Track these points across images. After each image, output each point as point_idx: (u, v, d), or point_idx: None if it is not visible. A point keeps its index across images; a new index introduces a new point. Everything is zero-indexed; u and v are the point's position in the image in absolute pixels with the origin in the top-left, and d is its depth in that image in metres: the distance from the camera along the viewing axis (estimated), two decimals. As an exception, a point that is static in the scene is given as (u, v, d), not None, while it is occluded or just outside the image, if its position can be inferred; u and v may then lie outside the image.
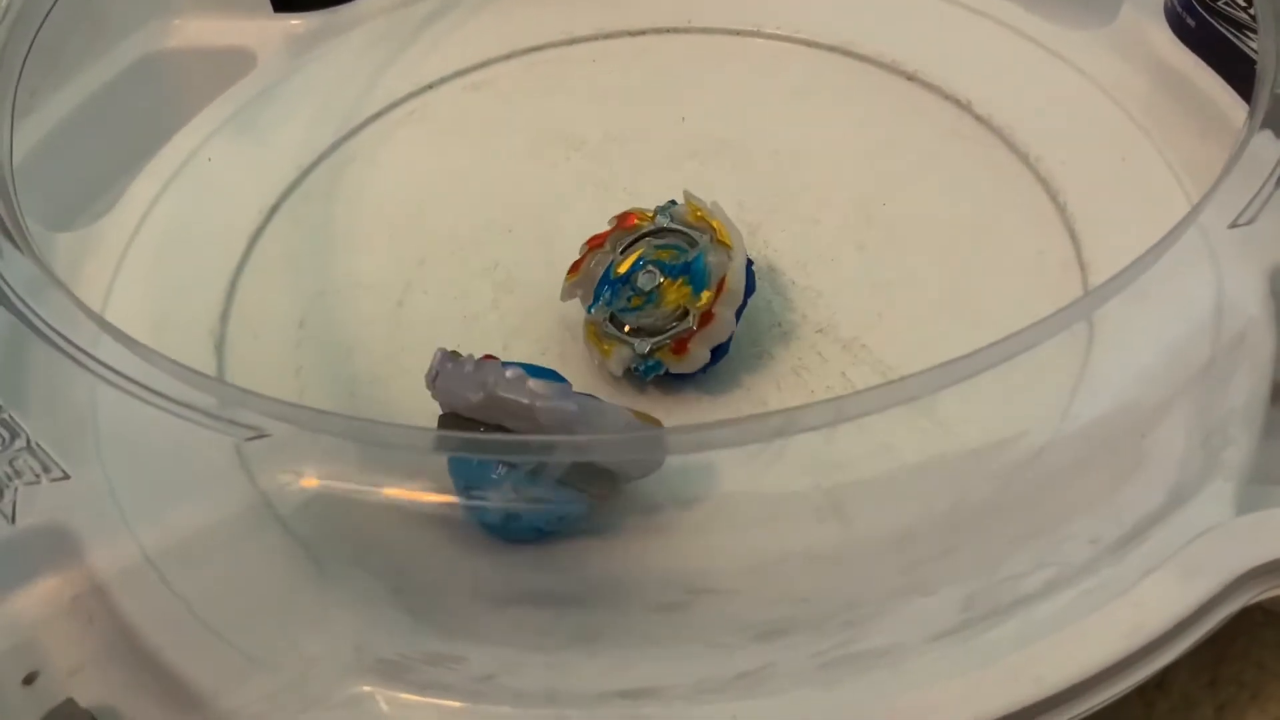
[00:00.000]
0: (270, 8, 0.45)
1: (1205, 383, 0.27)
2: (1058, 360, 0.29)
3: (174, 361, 0.24)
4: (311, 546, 0.26)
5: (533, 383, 0.28)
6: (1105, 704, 0.24)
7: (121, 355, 0.26)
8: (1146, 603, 0.24)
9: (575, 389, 0.28)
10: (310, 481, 0.25)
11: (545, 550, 0.27)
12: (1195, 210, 0.27)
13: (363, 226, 0.40)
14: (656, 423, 0.29)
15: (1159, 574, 0.25)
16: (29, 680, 0.26)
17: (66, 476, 0.25)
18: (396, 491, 0.26)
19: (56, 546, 0.26)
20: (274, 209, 0.40)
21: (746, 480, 0.27)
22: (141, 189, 0.40)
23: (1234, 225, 0.25)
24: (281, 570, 0.26)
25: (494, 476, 0.26)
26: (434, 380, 0.29)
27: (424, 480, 0.26)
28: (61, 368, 0.26)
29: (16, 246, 0.31)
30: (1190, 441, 0.27)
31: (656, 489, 0.27)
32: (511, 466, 0.27)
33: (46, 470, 0.25)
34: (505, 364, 0.28)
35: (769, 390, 0.34)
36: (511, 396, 0.27)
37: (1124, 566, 0.25)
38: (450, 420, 0.29)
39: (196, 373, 0.24)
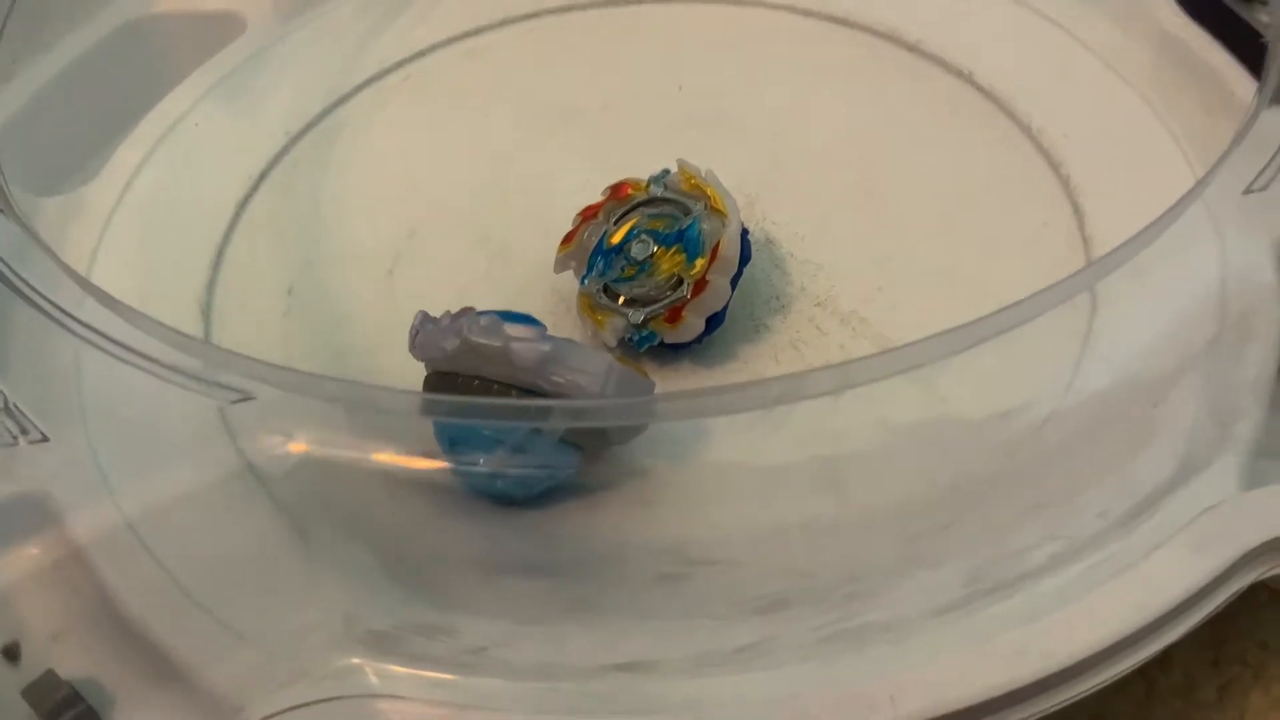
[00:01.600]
0: (260, -29, 0.44)
1: (1214, 355, 0.27)
2: (1062, 332, 0.29)
3: (157, 322, 0.23)
4: (298, 514, 0.26)
5: (507, 326, 0.27)
6: (1110, 680, 0.24)
7: (105, 318, 0.25)
8: (1153, 578, 0.24)
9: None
10: (297, 446, 0.25)
11: (539, 519, 0.26)
12: (1203, 181, 0.26)
13: (353, 195, 0.39)
14: (640, 369, 0.29)
15: (1166, 549, 0.24)
16: (8, 651, 0.26)
17: (45, 439, 0.24)
18: (385, 456, 0.25)
19: (36, 512, 0.25)
20: (262, 176, 0.39)
21: (745, 450, 0.27)
22: (127, 155, 0.39)
23: (1248, 191, 0.25)
24: (267, 539, 0.26)
25: (483, 435, 0.26)
26: (414, 339, 0.29)
27: (413, 445, 0.25)
28: (45, 331, 0.26)
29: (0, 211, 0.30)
30: (1199, 414, 0.26)
31: (653, 457, 0.27)
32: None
33: (25, 432, 0.24)
34: (481, 312, 0.28)
35: (766, 363, 0.34)
36: (485, 341, 0.27)
37: (1131, 541, 0.24)
38: (433, 378, 0.29)
39: (180, 333, 0.23)
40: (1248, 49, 0.37)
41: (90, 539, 0.25)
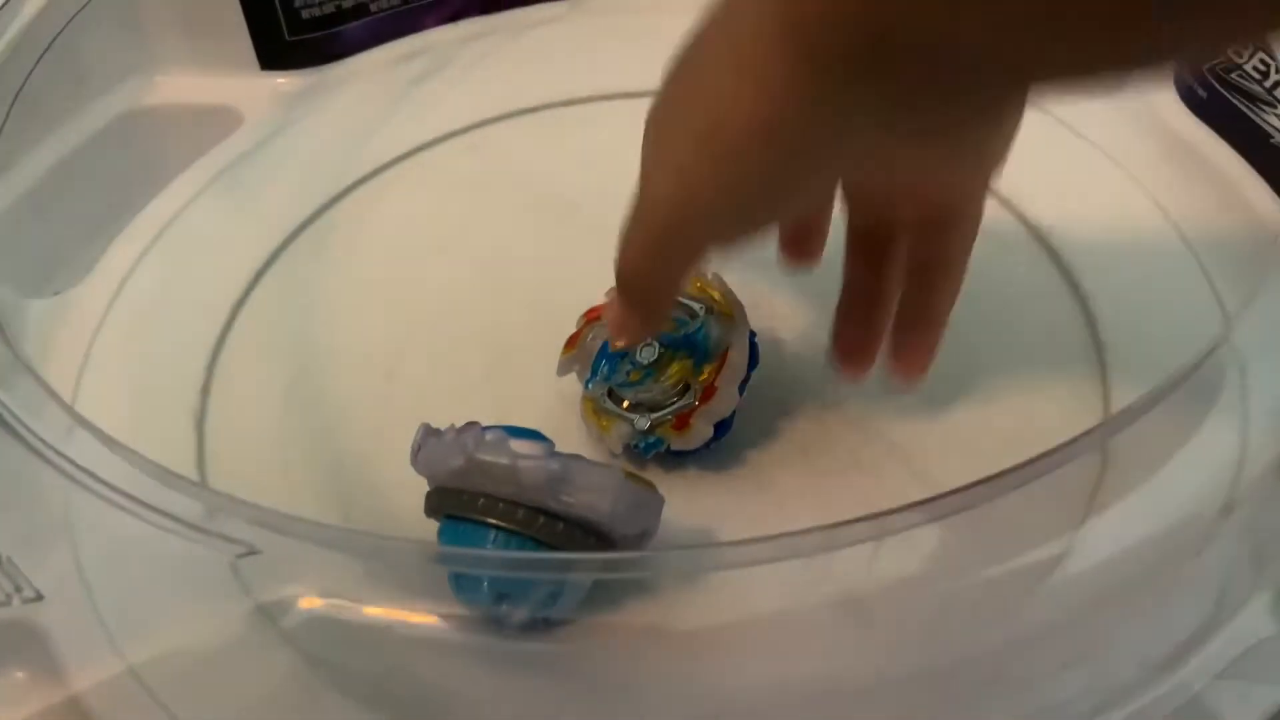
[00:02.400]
0: (257, 65, 0.43)
1: (1250, 496, 0.26)
2: (1087, 477, 0.28)
3: (156, 465, 0.22)
4: (308, 663, 0.25)
5: (514, 443, 0.27)
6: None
7: (98, 452, 0.24)
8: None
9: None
10: (311, 601, 0.23)
11: (551, 668, 0.25)
12: (1229, 326, 0.26)
13: (350, 294, 0.38)
14: (649, 484, 0.28)
15: (1208, 693, 0.23)
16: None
17: (39, 597, 0.23)
18: (398, 613, 0.24)
19: (34, 665, 0.24)
20: (258, 275, 0.38)
21: (770, 600, 0.25)
22: (120, 253, 0.38)
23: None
24: (276, 689, 0.24)
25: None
26: (417, 454, 0.28)
27: (426, 595, 0.24)
28: (33, 466, 0.25)
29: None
30: (1236, 556, 0.25)
31: (677, 607, 0.26)
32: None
33: (19, 590, 0.23)
34: (486, 428, 0.27)
35: (774, 469, 0.33)
36: (492, 459, 0.26)
37: (1172, 686, 0.23)
38: (435, 493, 0.28)
39: (180, 477, 0.22)
40: (1258, 149, 0.37)
41: (92, 690, 0.24)
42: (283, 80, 0.44)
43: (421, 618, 0.24)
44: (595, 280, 0.38)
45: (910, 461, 0.33)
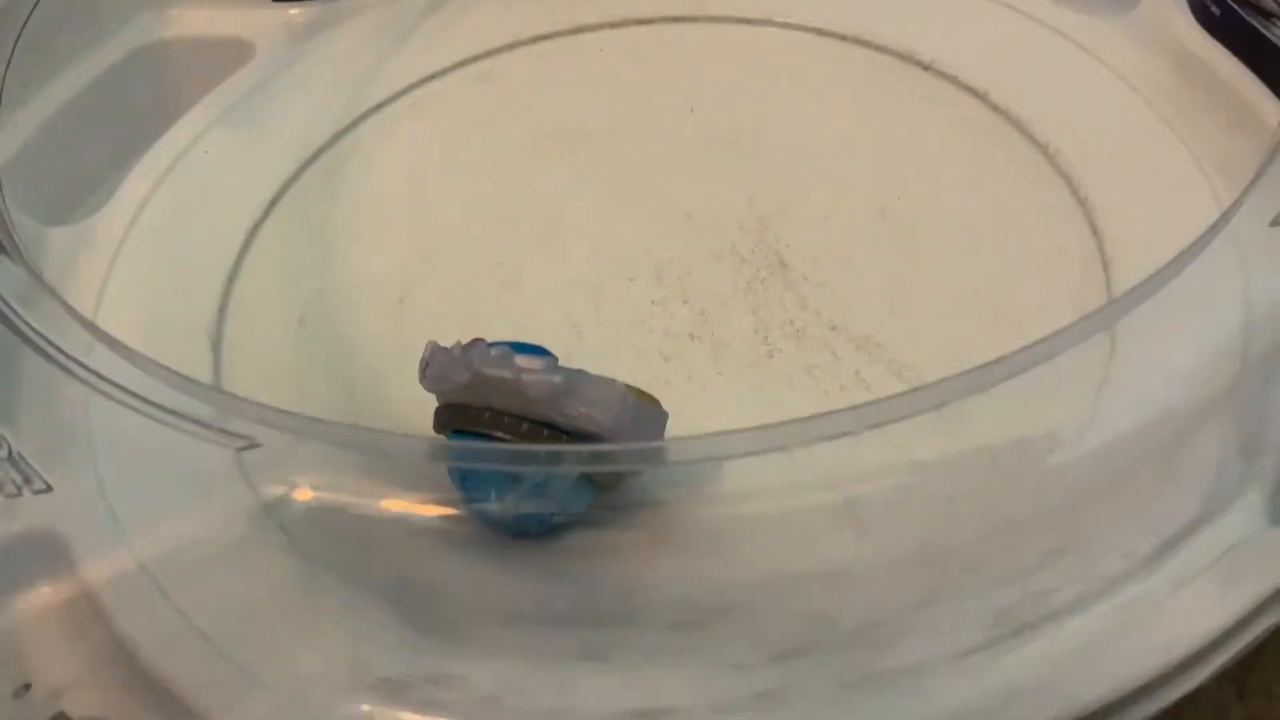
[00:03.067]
0: (269, -3, 0.43)
1: (1240, 390, 0.26)
2: (1082, 366, 0.28)
3: (164, 367, 0.23)
4: (310, 559, 0.25)
5: (519, 358, 0.27)
6: (1138, 722, 0.23)
7: (114, 362, 0.25)
8: (1181, 618, 0.23)
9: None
10: (304, 494, 0.24)
11: (551, 562, 0.26)
12: (1227, 214, 0.26)
13: (363, 222, 0.39)
14: (652, 399, 0.28)
15: (1193, 588, 0.24)
16: (19, 694, 0.26)
17: (49, 489, 0.24)
18: (395, 503, 0.25)
19: (47, 556, 0.25)
20: (272, 204, 0.39)
21: (760, 484, 0.26)
22: (137, 183, 0.39)
23: (1275, 224, 0.24)
24: (279, 583, 0.25)
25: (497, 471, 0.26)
26: (424, 371, 0.28)
27: (424, 490, 0.25)
28: (53, 377, 0.25)
29: (5, 252, 0.30)
30: (1224, 450, 0.26)
31: (668, 496, 0.26)
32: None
33: (29, 482, 0.24)
34: (492, 344, 0.28)
35: (780, 389, 0.33)
36: (497, 374, 0.27)
37: (1157, 580, 0.24)
38: (443, 410, 0.28)
39: (186, 378, 0.23)
40: (1272, 68, 0.37)
41: (102, 582, 0.25)
42: (295, 12, 0.44)
43: (421, 508, 0.24)
44: (606, 205, 0.39)
45: (916, 381, 0.33)
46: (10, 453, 0.24)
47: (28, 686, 0.25)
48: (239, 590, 0.25)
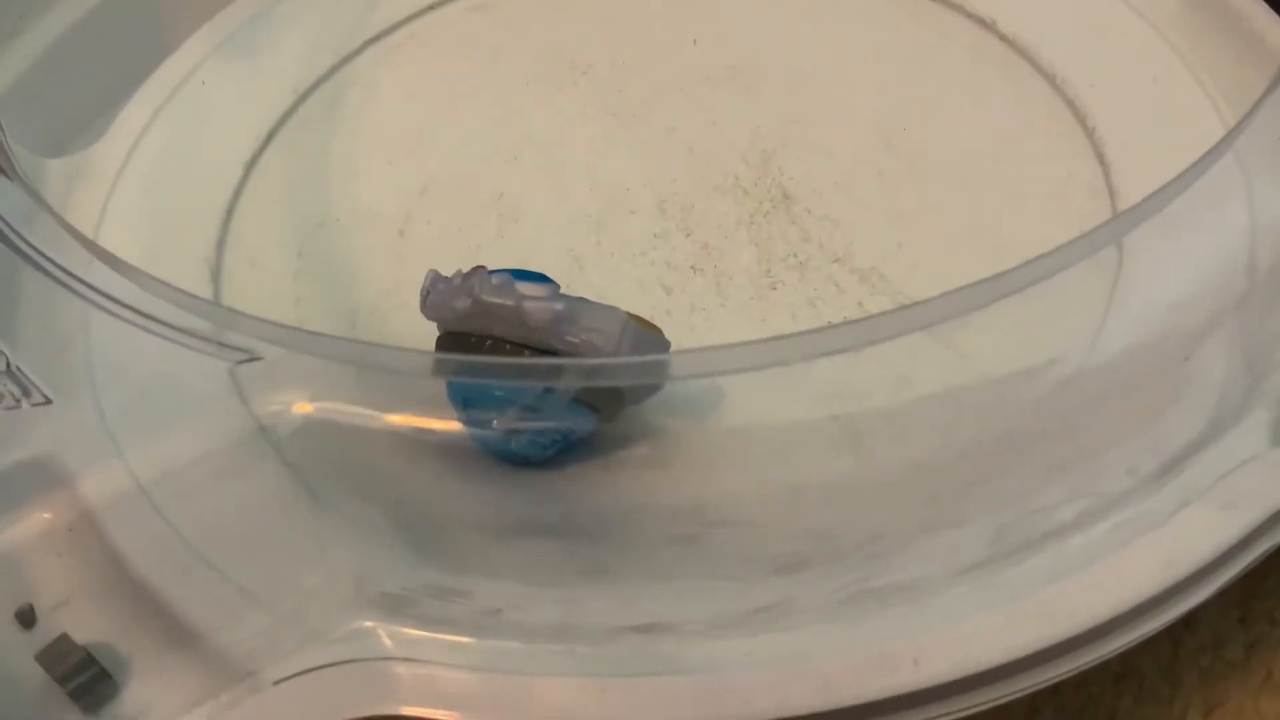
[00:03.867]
0: (265, -75, 0.43)
1: (1245, 309, 0.26)
2: (1087, 286, 0.28)
3: (164, 283, 0.23)
4: (309, 475, 0.25)
5: (520, 285, 0.27)
6: (1138, 640, 0.23)
7: (113, 280, 0.24)
8: (1183, 536, 0.23)
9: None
10: (304, 407, 0.24)
11: (552, 481, 0.26)
12: (1234, 131, 0.26)
13: (362, 154, 0.38)
14: (654, 327, 0.28)
15: (1196, 506, 0.23)
16: (22, 615, 0.26)
17: (48, 401, 0.24)
18: (395, 418, 0.24)
19: (45, 476, 0.25)
20: (271, 135, 0.39)
21: (762, 408, 0.26)
22: (134, 114, 0.39)
23: (1284, 140, 0.24)
24: (278, 500, 0.25)
25: (496, 394, 0.25)
26: (425, 299, 0.28)
27: (424, 406, 0.25)
28: (51, 294, 0.25)
29: (4, 174, 0.30)
30: (1230, 369, 0.25)
31: (668, 418, 0.26)
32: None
33: (27, 394, 0.24)
34: (493, 271, 0.27)
35: (784, 320, 0.33)
36: (498, 300, 0.26)
37: (1160, 498, 0.24)
38: (445, 339, 0.28)
39: (186, 293, 0.23)
40: (1280, -6, 0.36)
41: (100, 502, 0.25)
42: (292, -59, 0.43)
43: (421, 423, 0.24)
44: (605, 137, 0.38)
45: (918, 308, 0.33)
46: (9, 365, 0.24)
47: (31, 608, 0.26)
48: (237, 508, 0.25)
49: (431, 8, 0.42)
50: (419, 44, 0.41)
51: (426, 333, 0.28)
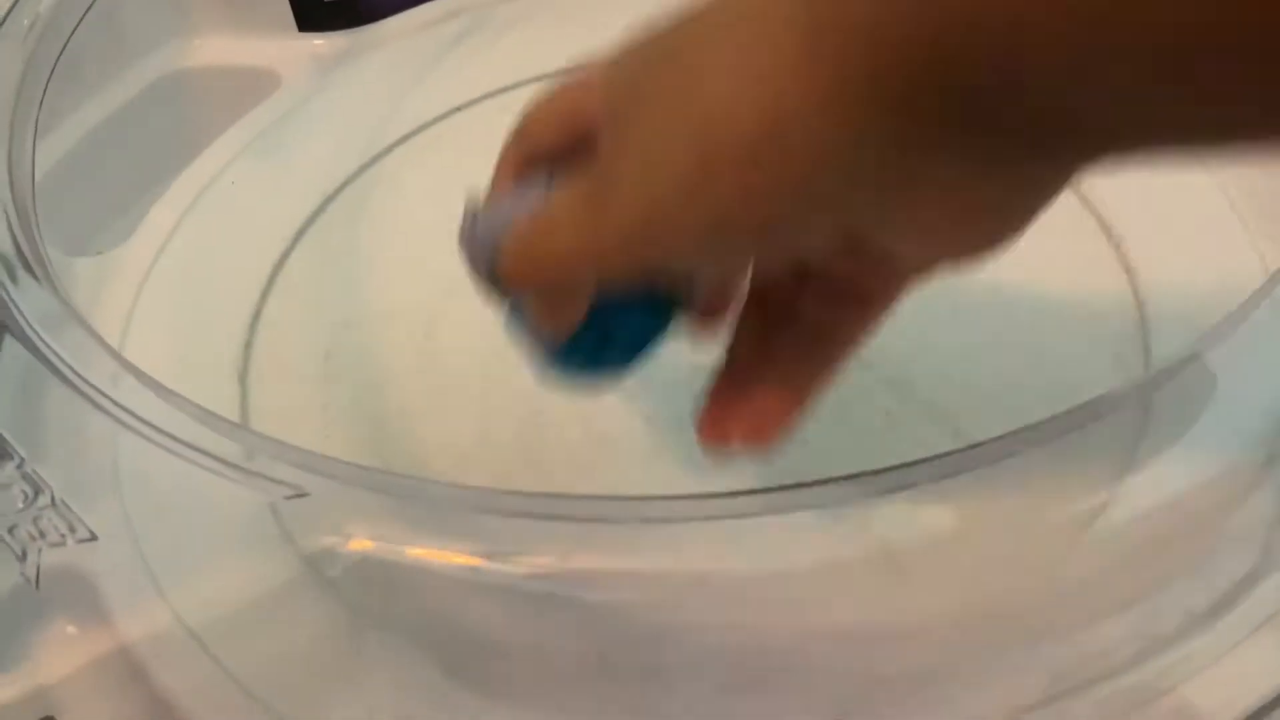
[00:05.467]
0: (295, 27, 0.43)
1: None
2: (1132, 426, 0.28)
3: (202, 408, 0.23)
4: (352, 610, 0.25)
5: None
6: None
7: (144, 397, 0.24)
8: (1242, 672, 0.23)
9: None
10: (359, 544, 0.24)
11: (597, 623, 0.25)
12: (1275, 278, 0.26)
13: (389, 254, 0.38)
14: None
15: (1252, 641, 0.23)
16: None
17: (94, 538, 0.23)
18: (441, 555, 0.24)
19: (84, 611, 0.25)
20: (298, 236, 0.39)
21: (807, 549, 0.26)
22: (163, 213, 0.39)
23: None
24: (321, 635, 0.25)
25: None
26: (470, 230, 0.26)
27: (474, 540, 0.24)
28: (81, 410, 0.25)
29: (34, 276, 0.30)
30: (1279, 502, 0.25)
31: (714, 560, 0.26)
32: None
33: (73, 530, 0.23)
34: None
35: (810, 425, 0.33)
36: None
37: (1215, 635, 0.23)
38: None
39: (228, 421, 0.23)
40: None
41: (140, 636, 0.24)
42: (320, 42, 0.44)
43: (466, 560, 0.24)
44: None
45: (947, 420, 0.33)
46: (54, 500, 0.23)
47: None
48: (279, 642, 0.25)
49: (458, 109, 0.42)
50: (445, 144, 0.42)
51: (454, 435, 0.28)
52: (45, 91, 0.33)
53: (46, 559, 0.23)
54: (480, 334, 0.36)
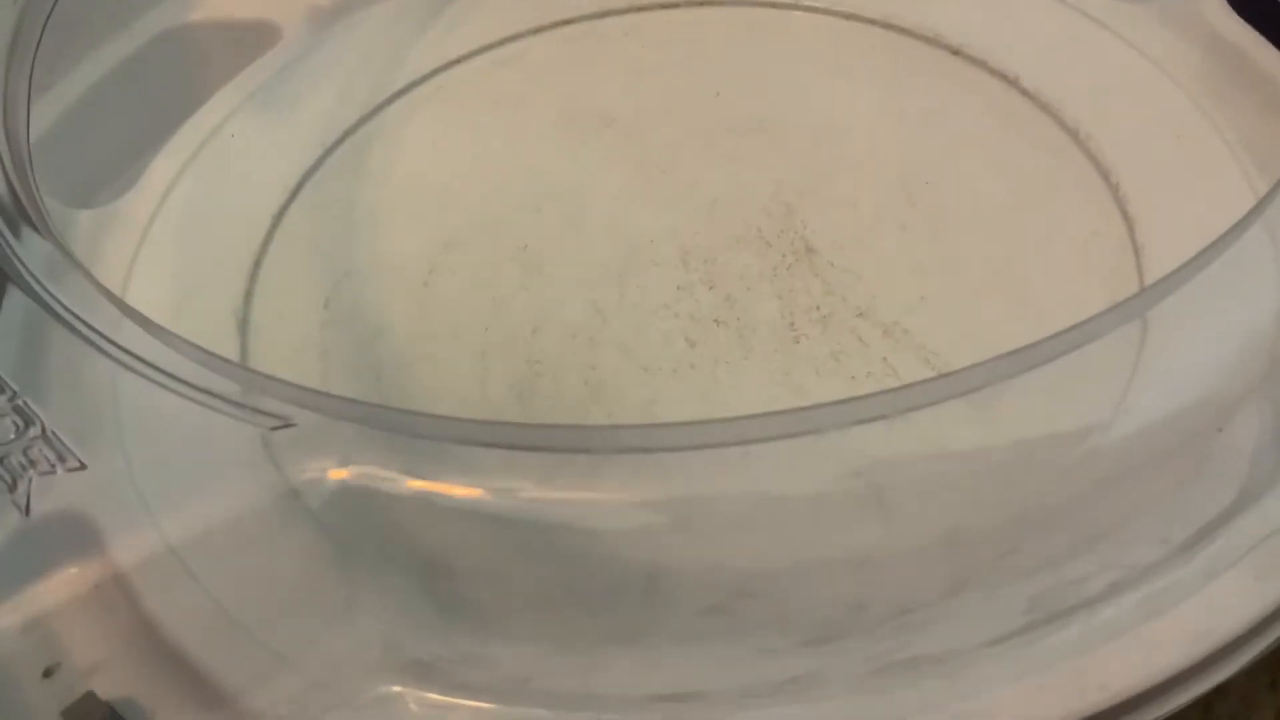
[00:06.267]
0: (294, -20, 0.43)
1: (1276, 376, 0.26)
2: (1115, 354, 0.28)
3: (197, 346, 0.23)
4: (341, 540, 0.25)
5: None
6: (1170, 712, 0.23)
7: (143, 340, 0.25)
8: (1216, 606, 0.23)
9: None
10: (339, 473, 0.24)
11: (581, 547, 0.25)
12: (1266, 199, 0.26)
13: (388, 206, 0.39)
14: None
15: (1228, 576, 0.23)
16: (49, 673, 0.26)
17: (83, 466, 0.24)
18: (427, 484, 0.25)
19: (76, 537, 0.25)
20: (299, 187, 0.39)
21: (789, 475, 0.26)
22: (163, 166, 0.39)
23: (1313, 208, 0.24)
24: (309, 564, 0.25)
25: None
26: None
27: (456, 472, 0.25)
28: (81, 353, 0.25)
29: (35, 228, 0.30)
30: (1261, 437, 0.25)
31: (697, 484, 0.26)
32: None
33: (62, 460, 0.24)
34: None
35: (807, 375, 0.33)
36: None
37: (1192, 568, 0.24)
38: None
39: (220, 358, 0.23)
40: (1304, 52, 0.36)
41: (132, 562, 0.25)
42: (320, -5, 0.44)
43: (453, 490, 0.24)
44: (628, 189, 0.39)
45: (944, 368, 0.33)
46: (44, 430, 0.24)
47: (59, 665, 0.26)
48: (268, 572, 0.25)
49: (457, 61, 0.42)
50: (444, 97, 0.42)
51: (451, 383, 0.29)
52: (38, 46, 0.34)
53: (37, 488, 0.24)
54: (478, 284, 0.36)
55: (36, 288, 0.27)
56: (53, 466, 0.24)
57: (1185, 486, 0.25)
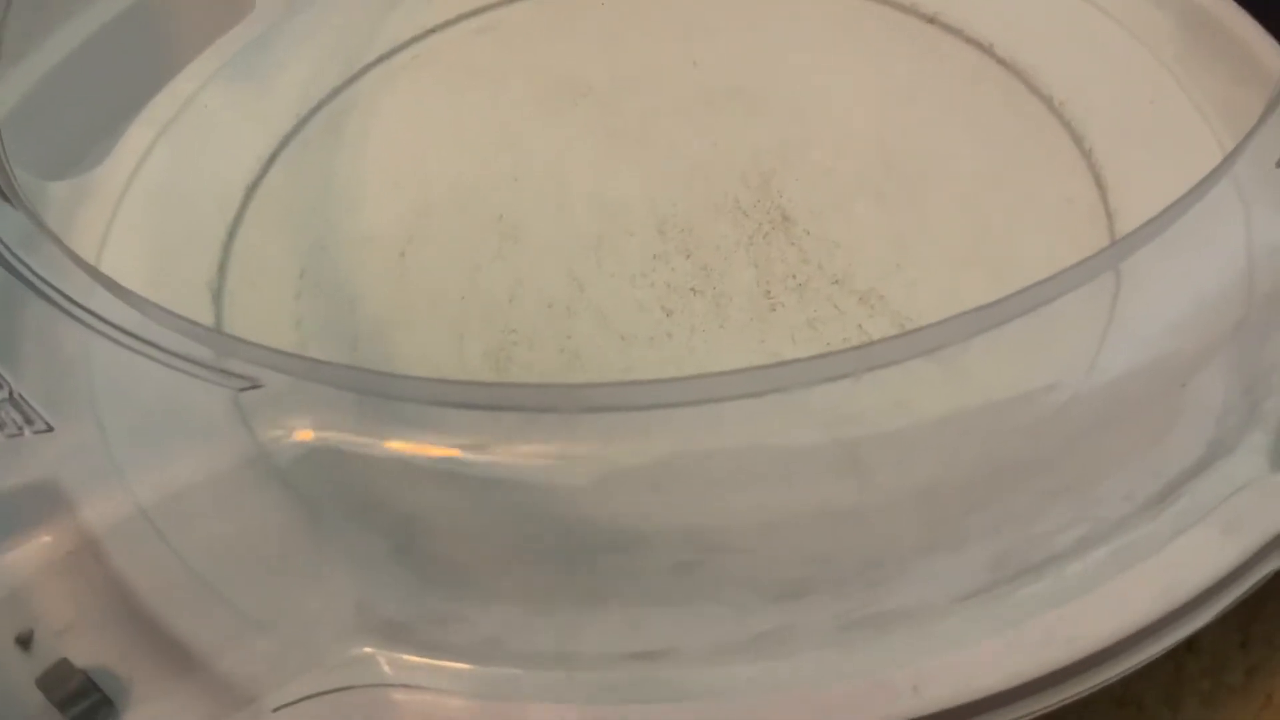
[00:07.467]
0: (268, -51, 0.43)
1: (1243, 333, 0.26)
2: (1085, 310, 0.28)
3: (165, 309, 0.23)
4: (311, 501, 0.25)
5: None
6: (1139, 665, 0.23)
7: (114, 306, 0.25)
8: (1183, 561, 0.23)
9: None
10: (306, 434, 0.24)
11: (551, 505, 0.26)
12: (1232, 156, 0.26)
13: (364, 176, 0.39)
14: None
15: (1195, 531, 0.24)
16: (22, 640, 0.26)
17: (50, 429, 0.24)
18: (397, 444, 0.25)
19: (47, 501, 0.25)
20: (273, 158, 0.39)
21: (761, 433, 0.26)
22: (137, 136, 0.39)
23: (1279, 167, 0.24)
24: (280, 526, 0.25)
25: None
26: None
27: (426, 432, 0.25)
28: (54, 320, 0.25)
29: (6, 199, 0.30)
30: (1228, 394, 0.25)
31: (667, 441, 0.26)
32: None
33: (30, 422, 0.24)
34: None
35: (783, 342, 0.33)
36: None
37: (1159, 523, 0.24)
38: None
39: (188, 320, 0.23)
40: (1275, 17, 0.36)
41: (102, 527, 0.25)
42: (294, -36, 0.43)
43: (422, 450, 0.24)
44: (605, 159, 0.39)
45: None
46: (11, 393, 0.24)
47: (31, 633, 0.26)
48: (240, 533, 0.25)
49: (433, 30, 0.42)
50: (421, 66, 0.42)
51: (427, 350, 0.29)
52: (7, 15, 0.33)
53: (6, 450, 0.24)
54: (454, 254, 0.36)
55: (9, 256, 0.27)
56: (20, 429, 0.23)
57: (1154, 442, 0.25)
